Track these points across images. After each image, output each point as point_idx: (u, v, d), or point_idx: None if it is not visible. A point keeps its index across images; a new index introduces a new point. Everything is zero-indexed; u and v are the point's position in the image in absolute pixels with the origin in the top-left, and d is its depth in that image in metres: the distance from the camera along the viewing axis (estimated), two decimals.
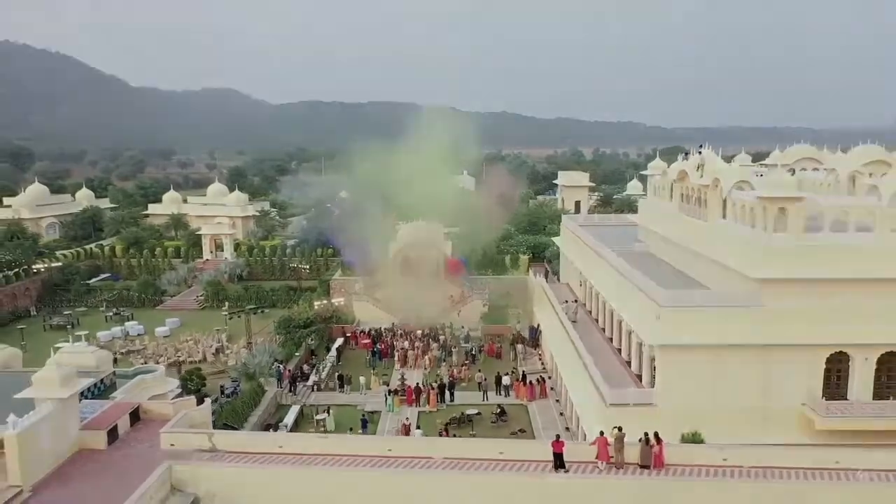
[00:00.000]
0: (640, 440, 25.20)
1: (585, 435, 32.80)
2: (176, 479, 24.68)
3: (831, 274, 31.12)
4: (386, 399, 43.97)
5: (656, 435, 25.16)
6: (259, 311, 60.03)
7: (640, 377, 35.57)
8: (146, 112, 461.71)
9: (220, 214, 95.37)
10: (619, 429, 25.66)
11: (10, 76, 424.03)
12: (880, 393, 32.01)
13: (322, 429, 39.08)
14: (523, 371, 47.90)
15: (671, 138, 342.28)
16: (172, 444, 26.84)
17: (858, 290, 31.02)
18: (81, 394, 29.04)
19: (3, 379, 32.82)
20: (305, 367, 50.17)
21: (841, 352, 31.77)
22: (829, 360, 31.87)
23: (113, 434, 28.04)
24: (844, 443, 28.60)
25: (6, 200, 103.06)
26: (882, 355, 31.67)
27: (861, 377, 31.88)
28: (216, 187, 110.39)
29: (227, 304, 65.39)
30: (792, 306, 31.22)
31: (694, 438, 29.00)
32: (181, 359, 52.06)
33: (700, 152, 41.86)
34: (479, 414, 41.81)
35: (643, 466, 25.04)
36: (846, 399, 31.95)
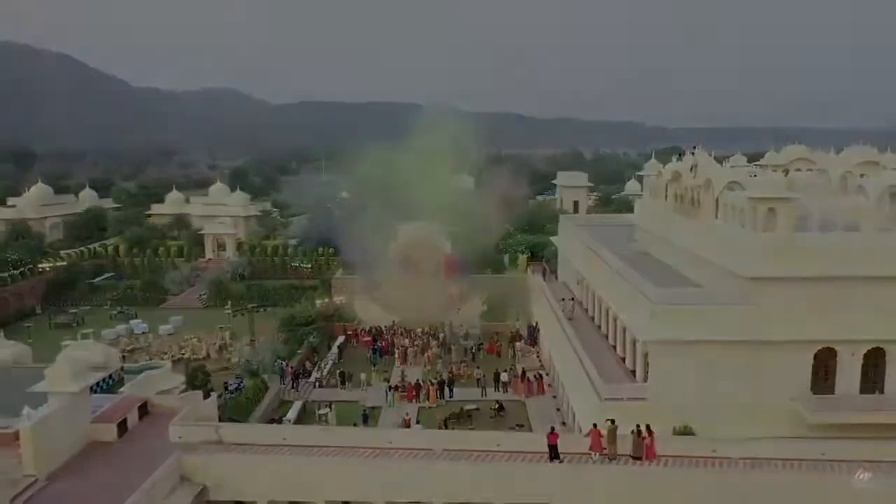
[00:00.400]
0: (632, 432, 26.05)
1: (581, 429, 33.60)
2: (184, 469, 25.60)
3: (819, 272, 31.93)
4: (386, 395, 44.79)
5: (648, 427, 25.99)
6: (261, 309, 60.82)
7: (634, 373, 36.41)
8: (146, 112, 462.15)
9: (222, 214, 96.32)
10: (612, 421, 26.46)
11: (10, 76, 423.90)
12: (867, 387, 32.85)
13: (325, 423, 39.85)
14: (522, 368, 48.74)
15: (672, 138, 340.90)
16: (180, 437, 27.63)
17: (845, 288, 31.82)
18: (91, 388, 29.91)
19: (14, 374, 33.70)
20: (307, 364, 51.03)
21: (828, 347, 32.56)
22: (816, 356, 32.63)
23: (123, 427, 28.89)
24: (833, 436, 29.40)
25: (10, 200, 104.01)
26: (868, 350, 32.48)
27: (848, 372, 32.70)
28: (218, 187, 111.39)
29: (229, 302, 66.21)
30: (781, 303, 32.04)
31: (685, 432, 29.90)
32: (185, 356, 52.94)
33: (693, 153, 42.69)
34: (477, 409, 42.67)
35: (635, 458, 25.88)
36: (833, 394, 32.80)
